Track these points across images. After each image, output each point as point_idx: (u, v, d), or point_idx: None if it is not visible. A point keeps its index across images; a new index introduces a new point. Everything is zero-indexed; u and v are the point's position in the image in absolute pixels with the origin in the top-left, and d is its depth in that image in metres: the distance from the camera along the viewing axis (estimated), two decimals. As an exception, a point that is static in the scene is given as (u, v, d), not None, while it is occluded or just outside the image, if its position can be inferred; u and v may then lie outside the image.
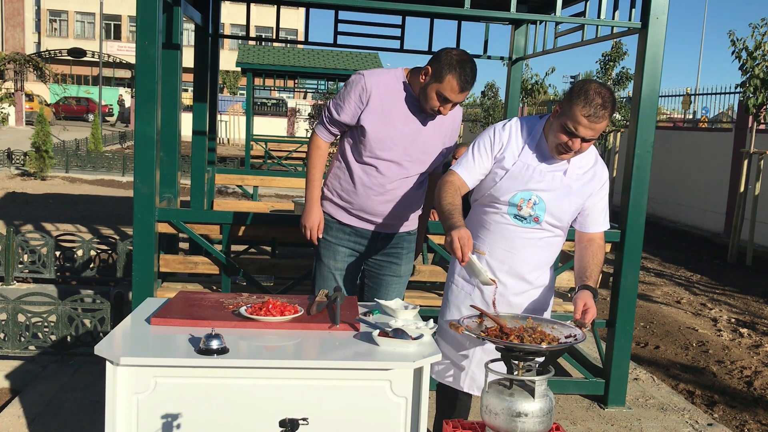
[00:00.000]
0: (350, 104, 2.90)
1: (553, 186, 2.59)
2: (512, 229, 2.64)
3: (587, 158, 2.68)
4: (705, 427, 3.89)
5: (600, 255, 2.67)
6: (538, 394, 2.17)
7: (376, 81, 2.88)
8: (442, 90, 2.78)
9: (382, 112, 2.88)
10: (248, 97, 15.47)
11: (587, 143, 2.52)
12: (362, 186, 2.97)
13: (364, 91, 2.87)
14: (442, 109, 2.86)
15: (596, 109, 2.42)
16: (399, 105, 2.91)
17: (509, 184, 2.61)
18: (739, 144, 11.78)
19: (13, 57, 25.37)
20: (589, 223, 2.71)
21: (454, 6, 4.32)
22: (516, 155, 2.61)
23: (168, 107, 4.44)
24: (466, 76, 2.77)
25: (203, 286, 4.43)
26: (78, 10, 45.44)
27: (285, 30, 37.45)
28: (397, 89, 2.91)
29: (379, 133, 2.88)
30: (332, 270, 3.10)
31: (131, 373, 2.08)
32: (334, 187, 3.06)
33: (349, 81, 2.93)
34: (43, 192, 12.48)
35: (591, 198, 2.68)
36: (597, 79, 2.57)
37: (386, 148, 2.91)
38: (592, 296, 2.48)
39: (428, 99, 2.84)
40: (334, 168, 3.08)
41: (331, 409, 2.16)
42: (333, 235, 3.09)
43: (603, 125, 2.47)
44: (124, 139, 24.85)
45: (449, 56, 2.77)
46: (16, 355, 4.16)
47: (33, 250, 6.00)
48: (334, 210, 3.08)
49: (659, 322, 6.50)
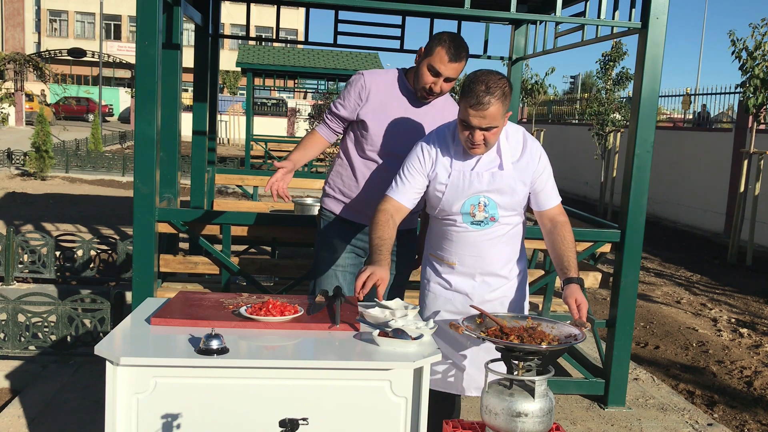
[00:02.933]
0: (350, 100, 3.00)
1: (495, 183, 2.58)
2: (473, 236, 2.65)
3: (515, 143, 2.64)
4: (705, 427, 3.89)
5: (568, 236, 2.63)
6: (538, 394, 2.17)
7: (375, 78, 3.00)
8: (432, 62, 2.83)
9: (381, 107, 2.96)
10: (248, 97, 15.48)
11: (490, 132, 2.48)
12: (364, 178, 3.02)
13: (363, 88, 2.97)
14: (434, 86, 2.88)
15: (479, 97, 2.40)
16: (397, 100, 2.99)
17: (454, 195, 2.60)
18: (739, 144, 11.78)
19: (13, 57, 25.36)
20: (542, 199, 2.68)
21: (454, 6, 4.32)
22: (448, 166, 2.61)
23: (168, 107, 4.44)
24: (454, 48, 2.81)
25: (203, 286, 4.43)
26: (78, 10, 45.44)
27: (285, 30, 37.48)
28: (395, 85, 3.01)
29: (379, 127, 2.95)
30: (334, 267, 3.10)
31: (131, 373, 2.08)
32: (336, 184, 3.10)
33: (350, 80, 3.05)
34: (43, 192, 12.49)
35: (538, 178, 2.64)
36: (489, 69, 2.54)
37: (386, 142, 2.97)
38: (579, 288, 2.47)
39: (421, 76, 2.88)
40: (336, 166, 3.14)
41: (331, 409, 2.16)
42: (334, 232, 3.11)
43: (494, 110, 2.42)
44: (124, 139, 24.85)
45: (440, 34, 2.89)
46: (16, 355, 4.16)
47: (33, 250, 6.00)
48: (335, 206, 3.11)
49: (659, 322, 6.50)
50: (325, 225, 3.14)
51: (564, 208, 2.79)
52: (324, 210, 3.16)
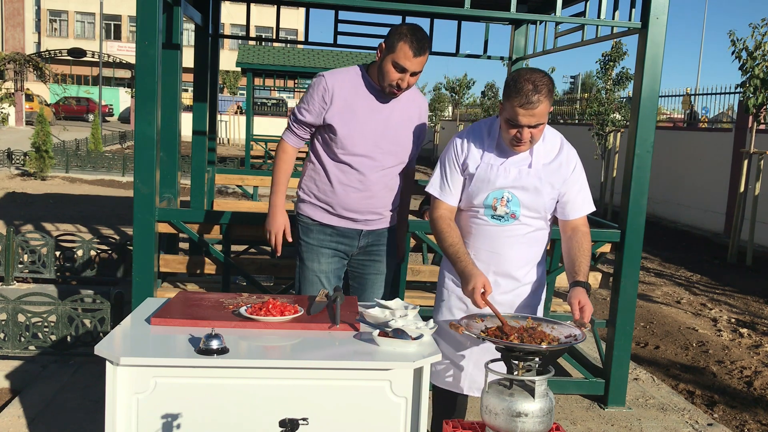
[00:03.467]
0: (314, 105, 2.92)
1: (521, 180, 2.60)
2: (493, 230, 2.66)
3: (551, 146, 2.67)
4: (705, 427, 3.89)
5: (585, 243, 2.65)
6: (538, 394, 2.17)
7: (337, 78, 2.92)
8: (396, 59, 2.80)
9: (347, 109, 2.90)
10: (248, 97, 15.48)
11: (536, 129, 2.51)
12: (340, 184, 2.96)
13: (326, 91, 2.89)
14: (400, 82, 2.85)
15: (528, 96, 2.43)
16: (362, 99, 2.93)
17: (479, 187, 2.63)
18: (739, 144, 11.78)
19: (13, 57, 25.35)
20: (568, 210, 2.69)
21: (454, 6, 4.32)
22: (478, 158, 2.64)
23: (168, 107, 4.44)
24: (418, 41, 2.79)
25: (203, 286, 4.43)
26: (78, 10, 45.45)
27: (285, 30, 37.47)
28: (358, 84, 2.94)
29: (347, 129, 2.89)
30: (317, 273, 3.05)
31: (131, 373, 2.08)
32: (311, 190, 3.04)
33: (312, 83, 2.97)
34: (43, 192, 12.49)
35: (565, 185, 2.66)
36: (531, 67, 2.57)
37: (357, 143, 2.91)
38: (584, 292, 2.48)
39: (386, 73, 2.84)
40: (308, 171, 3.06)
41: (331, 409, 2.16)
42: (314, 238, 3.05)
43: (543, 108, 2.46)
44: (124, 139, 24.86)
45: (398, 28, 2.84)
46: (16, 355, 4.16)
47: (33, 250, 6.00)
48: (312, 211, 3.04)
49: (659, 322, 6.50)
50: (304, 231, 3.07)
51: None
52: (301, 216, 3.08)
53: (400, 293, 3.99)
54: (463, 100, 29.00)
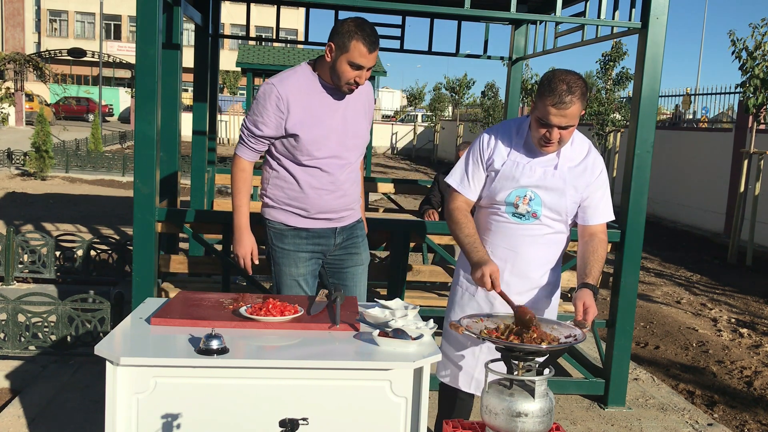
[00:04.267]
0: (270, 117, 2.81)
1: (545, 180, 2.61)
2: (513, 228, 2.66)
3: (579, 150, 2.68)
4: (705, 427, 3.89)
5: (601, 249, 2.66)
6: (538, 394, 2.17)
7: (288, 85, 2.82)
8: (351, 58, 2.75)
9: (306, 114, 2.82)
10: (248, 97, 15.47)
11: (566, 131, 2.52)
12: (311, 189, 2.89)
13: (280, 100, 2.79)
14: (358, 80, 2.81)
15: (561, 96, 2.44)
16: (318, 100, 2.85)
17: (502, 183, 2.64)
18: (739, 144, 11.78)
19: (13, 57, 25.32)
20: (589, 215, 2.70)
21: (454, 6, 4.32)
22: (505, 155, 2.65)
23: (168, 107, 4.44)
24: (369, 37, 2.75)
25: (203, 286, 4.43)
26: (78, 10, 45.45)
27: (285, 30, 37.46)
28: (311, 84, 2.86)
29: (311, 135, 2.82)
30: (295, 277, 2.99)
31: (131, 373, 2.08)
32: (278, 197, 2.94)
33: (261, 93, 2.84)
34: (43, 192, 12.49)
35: (588, 190, 2.68)
36: (566, 69, 2.60)
37: (322, 147, 2.85)
38: (591, 295, 2.48)
39: (342, 74, 2.78)
40: (271, 179, 2.96)
41: (331, 409, 2.16)
42: (290, 243, 2.97)
43: (575, 109, 2.46)
44: (124, 139, 24.86)
45: (346, 25, 2.77)
46: (16, 355, 4.16)
47: (33, 250, 6.00)
48: (285, 216, 2.95)
49: (659, 322, 6.50)
50: (277, 237, 2.98)
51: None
52: (272, 222, 2.98)
53: (400, 293, 3.99)
54: (463, 100, 29.01)
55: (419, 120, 33.11)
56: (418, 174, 21.49)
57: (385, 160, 27.02)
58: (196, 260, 4.08)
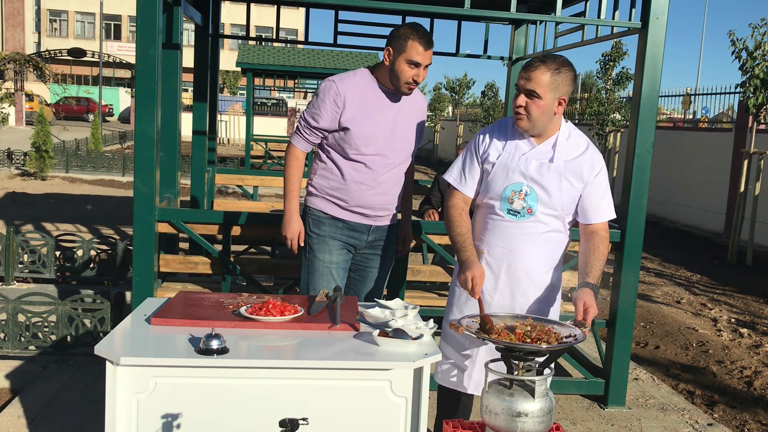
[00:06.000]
0: (327, 110, 3.00)
1: (541, 173, 2.62)
2: (508, 226, 2.66)
3: (576, 145, 2.69)
4: (705, 427, 3.89)
5: (602, 247, 2.66)
6: (538, 394, 2.17)
7: (347, 83, 3.01)
8: (409, 57, 2.93)
9: (359, 111, 2.99)
10: (248, 97, 15.47)
11: (532, 100, 2.56)
12: (354, 182, 3.05)
13: (338, 96, 2.98)
14: (416, 78, 2.98)
15: (531, 61, 2.59)
16: (373, 100, 3.03)
17: (498, 176, 2.66)
18: (739, 144, 11.78)
19: (13, 57, 25.32)
20: (590, 214, 2.70)
21: (454, 6, 4.32)
22: (500, 148, 2.70)
23: (168, 107, 4.44)
24: (424, 36, 2.94)
25: (203, 286, 4.42)
26: (78, 10, 45.44)
27: (285, 30, 37.46)
28: (368, 86, 3.04)
29: (362, 130, 2.99)
30: (327, 264, 3.12)
31: (131, 373, 2.08)
32: (323, 188, 3.11)
33: (321, 89, 3.04)
34: (43, 192, 12.49)
35: (587, 187, 2.68)
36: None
37: (370, 143, 3.02)
38: (592, 295, 2.48)
39: (401, 73, 2.96)
40: (319, 170, 3.13)
41: (331, 409, 2.16)
42: (325, 230, 3.12)
43: (540, 74, 2.55)
44: (124, 139, 24.86)
45: (401, 29, 2.97)
46: (16, 355, 4.16)
47: (33, 250, 6.00)
48: (325, 205, 3.12)
49: (659, 322, 6.50)
50: (315, 224, 3.14)
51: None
52: (312, 210, 3.15)
53: (400, 293, 3.99)
54: (463, 100, 29.02)
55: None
56: (418, 174, 21.51)
57: (385, 160, 26.96)
58: (196, 260, 4.08)
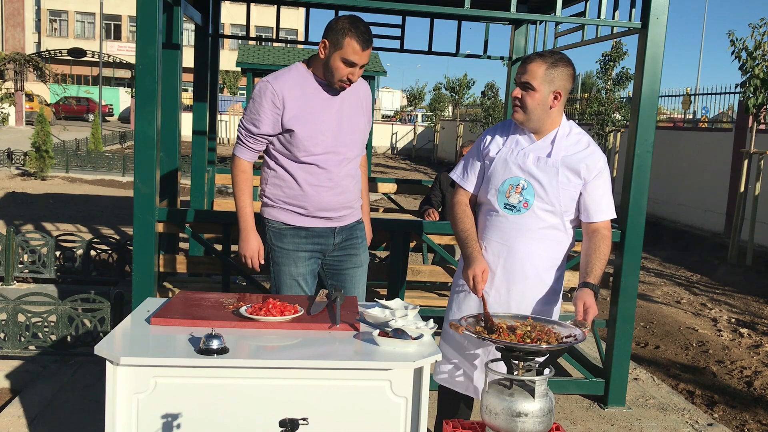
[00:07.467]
0: (266, 114, 2.83)
1: (538, 166, 2.63)
2: (504, 220, 2.67)
3: (576, 141, 2.70)
4: (705, 427, 3.89)
5: (604, 246, 2.64)
6: (538, 394, 2.17)
7: (283, 81, 2.85)
8: (345, 55, 2.77)
9: (301, 109, 2.84)
10: (248, 97, 15.46)
11: (527, 92, 2.61)
12: (309, 186, 2.90)
13: (275, 96, 2.81)
14: (351, 77, 2.83)
15: (529, 56, 2.70)
16: (313, 96, 2.87)
17: (497, 171, 2.69)
18: (739, 144, 11.78)
19: (13, 57, 25.35)
20: (591, 212, 2.69)
21: (454, 6, 4.32)
22: (501, 144, 2.74)
23: (168, 107, 4.44)
24: (363, 33, 2.77)
25: (203, 286, 4.43)
26: (78, 10, 45.45)
27: (285, 30, 37.46)
28: (305, 81, 2.88)
29: (307, 130, 2.84)
30: (295, 277, 2.98)
31: (131, 373, 2.08)
32: (277, 196, 2.95)
33: (257, 91, 2.86)
34: (43, 192, 12.49)
35: (588, 185, 2.67)
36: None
37: (318, 142, 2.86)
38: (592, 295, 2.47)
39: (335, 70, 2.81)
40: (269, 178, 2.97)
41: (331, 409, 2.16)
42: (289, 242, 2.97)
43: (536, 67, 2.60)
44: (124, 139, 24.86)
45: (340, 22, 2.78)
46: (16, 355, 4.16)
47: (33, 250, 6.00)
48: (284, 216, 2.96)
49: (659, 322, 6.50)
50: (277, 237, 2.98)
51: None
52: (271, 222, 2.98)
53: (400, 293, 3.99)
54: (463, 100, 29.03)
55: (419, 120, 33.12)
56: (418, 174, 21.50)
57: (385, 160, 27.03)
58: (196, 260, 4.08)
